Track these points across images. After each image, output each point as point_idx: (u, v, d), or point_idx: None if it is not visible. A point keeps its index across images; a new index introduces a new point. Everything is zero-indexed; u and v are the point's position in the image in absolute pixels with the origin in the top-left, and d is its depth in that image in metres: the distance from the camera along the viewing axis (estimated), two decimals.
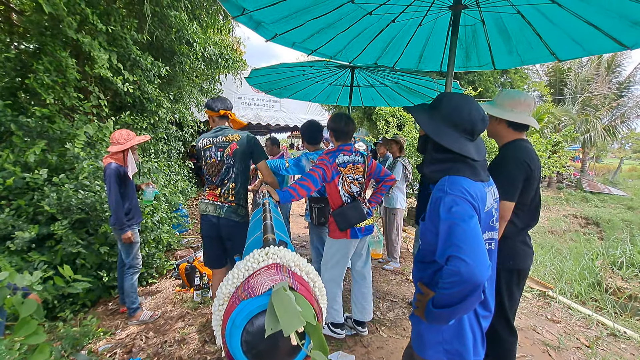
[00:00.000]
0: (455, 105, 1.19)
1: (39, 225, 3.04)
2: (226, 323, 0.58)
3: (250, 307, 0.56)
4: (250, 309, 0.56)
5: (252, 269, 0.65)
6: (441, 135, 1.17)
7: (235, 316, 0.57)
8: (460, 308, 1.01)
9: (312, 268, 0.72)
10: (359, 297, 2.53)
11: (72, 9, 3.43)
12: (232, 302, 0.59)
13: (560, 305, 3.31)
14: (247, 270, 0.65)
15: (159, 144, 5.76)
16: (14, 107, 3.51)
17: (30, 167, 3.24)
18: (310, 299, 0.59)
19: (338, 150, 2.29)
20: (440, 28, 2.38)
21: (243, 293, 0.57)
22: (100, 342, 2.55)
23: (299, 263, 0.69)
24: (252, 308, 0.56)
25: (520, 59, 2.58)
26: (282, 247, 0.70)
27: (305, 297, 0.57)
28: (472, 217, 1.05)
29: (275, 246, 0.71)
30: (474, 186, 1.13)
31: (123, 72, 3.97)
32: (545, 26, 2.16)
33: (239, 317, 0.56)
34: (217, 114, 2.27)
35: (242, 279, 0.64)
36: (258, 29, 2.15)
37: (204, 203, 2.32)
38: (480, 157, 1.21)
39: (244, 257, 0.67)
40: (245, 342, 0.56)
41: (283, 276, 0.60)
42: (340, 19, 2.20)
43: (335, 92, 4.56)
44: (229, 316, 0.58)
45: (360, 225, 2.32)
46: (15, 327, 1.28)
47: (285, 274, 0.61)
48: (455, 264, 0.99)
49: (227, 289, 0.64)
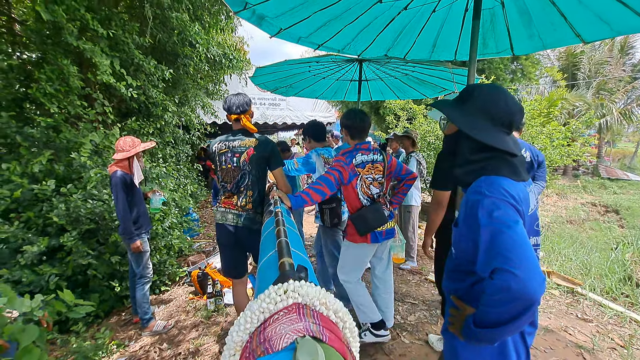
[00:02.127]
0: (490, 97, 1.06)
1: (49, 237, 3.00)
2: None
3: None
4: None
5: (268, 312, 0.53)
6: (478, 131, 1.04)
7: None
8: (509, 328, 0.88)
9: (341, 305, 0.59)
10: (380, 303, 2.41)
11: (72, 15, 3.36)
12: (245, 357, 0.48)
13: (590, 303, 3.13)
14: (263, 313, 0.53)
15: (166, 148, 5.70)
16: (19, 118, 3.47)
17: (37, 178, 3.20)
18: (342, 349, 0.47)
19: (355, 149, 2.16)
20: (455, 13, 2.22)
21: (259, 347, 0.46)
22: (114, 356, 2.49)
23: (325, 300, 0.56)
24: None
25: (542, 43, 2.40)
26: (302, 282, 0.58)
27: (336, 348, 0.45)
28: (518, 222, 0.91)
29: (294, 279, 0.59)
30: (516, 187, 0.99)
31: (126, 77, 3.90)
32: (571, 4, 1.98)
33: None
34: (231, 117, 2.16)
35: (257, 323, 0.52)
36: (262, 24, 2.02)
37: (220, 211, 2.20)
38: (519, 152, 1.07)
39: (261, 295, 0.55)
40: None
41: (308, 323, 0.48)
42: (348, 8, 2.05)
43: (342, 87, 4.42)
44: None
45: (381, 229, 2.19)
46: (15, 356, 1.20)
47: (309, 319, 0.49)
48: (503, 278, 0.85)
49: (238, 336, 0.52)
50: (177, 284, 3.78)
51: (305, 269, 0.67)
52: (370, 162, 2.17)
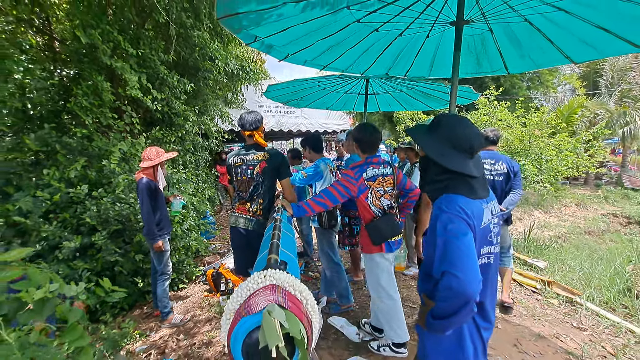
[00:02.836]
0: (452, 127, 1.26)
1: (82, 236, 3.35)
2: (231, 335, 0.69)
3: (248, 323, 0.68)
4: (249, 325, 0.68)
5: (252, 289, 0.77)
6: (442, 156, 1.24)
7: (237, 330, 0.68)
8: (454, 320, 1.09)
9: (305, 287, 0.83)
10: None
11: (107, 37, 3.75)
12: (235, 317, 0.71)
13: (588, 312, 3.20)
14: (249, 290, 0.77)
15: (186, 155, 6.07)
16: (57, 128, 3.88)
17: (72, 182, 3.57)
18: (300, 316, 0.70)
19: (366, 163, 2.23)
20: (447, 39, 2.42)
21: (243, 310, 0.69)
22: (137, 344, 2.78)
23: (293, 284, 0.80)
24: (250, 323, 0.68)
25: (534, 63, 2.56)
26: (277, 270, 0.82)
27: (295, 314, 0.68)
28: (466, 234, 1.11)
29: (275, 268, 0.83)
30: (470, 204, 1.19)
31: (152, 91, 4.26)
32: (555, 31, 2.15)
33: (240, 331, 0.68)
34: (245, 133, 2.40)
35: (245, 297, 0.76)
36: (271, 51, 2.30)
37: (234, 216, 2.47)
38: (479, 173, 1.27)
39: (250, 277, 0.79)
40: (245, 352, 0.68)
41: (277, 296, 0.71)
42: (348, 37, 2.30)
43: (351, 99, 4.65)
44: (232, 329, 0.69)
45: (394, 239, 2.29)
46: (64, 332, 1.48)
47: (278, 294, 0.72)
48: (448, 279, 1.06)
49: (232, 305, 0.76)
50: (193, 282, 4.08)
51: (285, 263, 0.90)
52: (381, 175, 2.24)
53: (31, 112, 3.84)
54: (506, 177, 2.98)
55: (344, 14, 1.99)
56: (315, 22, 2.02)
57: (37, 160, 3.78)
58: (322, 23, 2.05)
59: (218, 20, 1.66)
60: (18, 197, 3.27)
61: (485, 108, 6.10)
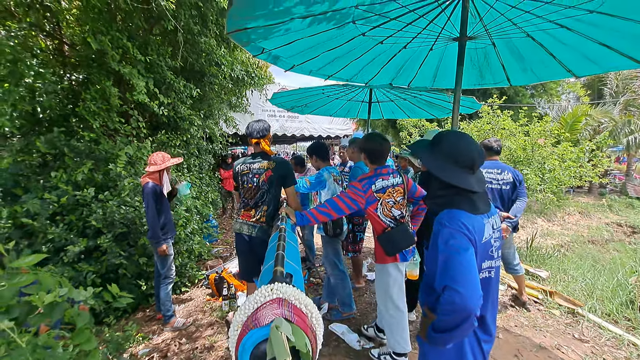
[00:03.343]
0: (453, 144, 1.29)
1: (87, 239, 3.40)
2: (238, 346, 0.73)
3: (256, 335, 0.71)
4: (256, 337, 0.71)
5: (260, 302, 0.80)
6: (444, 172, 1.27)
7: (245, 341, 0.72)
8: (455, 334, 1.11)
9: (310, 301, 0.86)
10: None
11: (116, 44, 3.82)
12: (243, 329, 0.74)
13: (590, 324, 3.20)
14: (257, 303, 0.80)
15: (190, 158, 6.13)
16: (66, 132, 3.95)
17: (79, 185, 3.63)
18: (306, 329, 0.73)
19: (375, 175, 2.16)
20: (451, 51, 2.46)
21: (251, 323, 0.73)
22: (140, 347, 2.82)
23: (299, 297, 0.84)
24: (258, 336, 0.71)
25: (536, 76, 2.60)
26: (284, 284, 0.85)
27: (301, 328, 0.72)
28: (467, 249, 1.14)
29: (280, 282, 0.86)
30: (472, 219, 1.22)
31: (159, 95, 4.33)
32: (558, 47, 2.19)
33: (248, 343, 0.72)
34: (252, 141, 2.43)
35: (252, 310, 0.79)
36: (277, 62, 2.35)
37: (239, 222, 2.50)
38: (480, 189, 1.29)
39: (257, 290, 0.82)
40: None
41: (283, 310, 0.75)
42: (353, 49, 2.35)
43: (355, 107, 4.70)
44: (240, 341, 0.73)
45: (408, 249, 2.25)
46: (72, 335, 1.52)
47: (285, 308, 0.76)
48: (450, 294, 1.09)
49: (240, 317, 0.79)
50: (196, 286, 4.12)
51: (291, 275, 0.94)
52: (391, 186, 2.17)
53: (40, 115, 3.92)
54: (512, 186, 3.07)
55: (350, 28, 2.04)
56: (322, 36, 2.07)
57: (45, 162, 3.85)
58: (328, 36, 2.10)
59: (227, 35, 1.71)
60: (26, 199, 3.33)
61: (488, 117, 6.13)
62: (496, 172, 3.09)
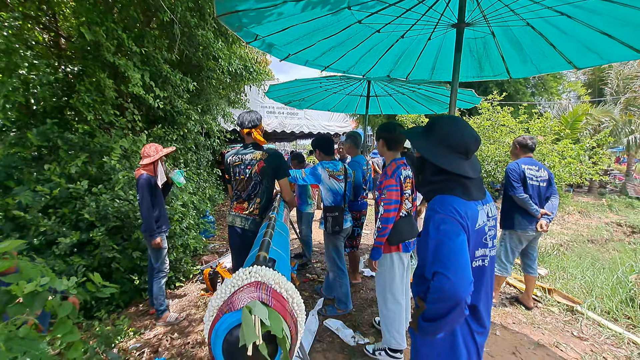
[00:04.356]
0: (447, 129, 1.25)
1: (80, 232, 3.35)
2: (212, 332, 0.68)
3: (230, 320, 0.66)
4: (230, 322, 0.66)
5: (237, 286, 0.75)
6: (438, 157, 1.23)
7: (218, 327, 0.67)
8: (444, 322, 1.06)
9: (292, 286, 0.81)
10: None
11: (111, 35, 3.76)
12: (218, 314, 0.69)
13: (590, 322, 3.16)
14: (233, 287, 0.75)
15: (188, 153, 6.08)
16: (60, 124, 3.89)
17: (73, 178, 3.58)
18: (284, 314, 0.68)
19: (398, 165, 2.19)
20: (449, 41, 2.40)
21: (226, 307, 0.67)
22: (131, 341, 2.77)
23: (279, 281, 0.79)
24: (232, 320, 0.66)
25: (536, 68, 2.54)
26: (263, 267, 0.80)
27: (279, 312, 0.67)
28: (459, 235, 1.09)
29: (263, 265, 0.81)
30: (465, 205, 1.17)
31: (155, 89, 4.27)
32: (558, 36, 2.13)
33: (221, 328, 0.67)
34: (243, 131, 2.38)
35: (229, 294, 0.74)
36: (271, 50, 2.29)
37: (232, 215, 2.46)
38: (475, 175, 1.25)
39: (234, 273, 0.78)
40: (226, 350, 0.66)
41: (260, 293, 0.70)
42: (349, 37, 2.29)
43: (353, 101, 4.64)
44: (213, 326, 0.68)
45: (411, 239, 2.29)
46: (53, 326, 1.47)
47: (263, 292, 0.71)
48: (439, 280, 1.04)
49: (216, 302, 0.74)
50: (190, 281, 4.07)
51: (274, 260, 0.89)
52: (408, 177, 2.22)
53: (34, 107, 3.87)
54: (547, 184, 3.11)
55: (345, 14, 1.98)
56: (316, 22, 2.01)
57: (41, 156, 3.80)
58: (323, 23, 2.05)
59: (217, 17, 1.66)
60: (18, 191, 3.28)
61: (488, 113, 6.07)
62: (534, 169, 3.09)
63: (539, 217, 3.06)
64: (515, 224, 3.07)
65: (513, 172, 3.04)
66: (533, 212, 3.00)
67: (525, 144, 3.11)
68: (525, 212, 3.03)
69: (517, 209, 3.05)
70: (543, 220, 3.06)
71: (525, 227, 3.05)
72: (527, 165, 3.07)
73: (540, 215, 3.06)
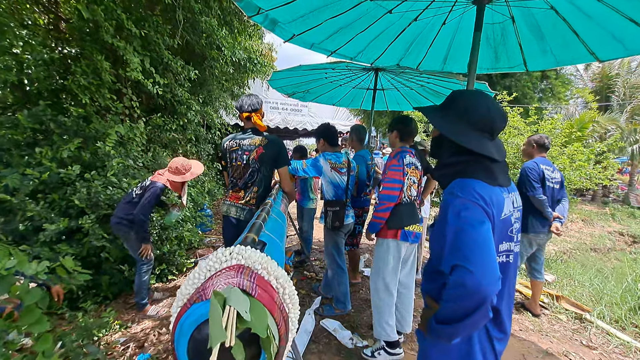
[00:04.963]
0: (470, 102, 1.09)
1: (69, 219, 3.20)
2: (176, 327, 0.53)
3: (199, 312, 0.50)
4: (199, 314, 0.50)
5: (214, 270, 0.60)
6: (459, 135, 1.06)
7: (184, 321, 0.51)
8: (464, 325, 0.90)
9: (284, 273, 0.65)
10: (399, 306, 2.43)
11: (110, 15, 3.62)
12: (186, 304, 0.54)
13: (598, 330, 3.00)
14: (209, 271, 0.60)
15: (187, 145, 5.94)
16: (55, 107, 3.75)
17: (65, 163, 3.43)
18: (271, 307, 0.52)
19: (404, 150, 2.23)
20: (466, 27, 2.25)
21: (196, 295, 0.52)
22: (116, 335, 2.62)
23: (267, 266, 0.62)
24: (202, 312, 0.50)
25: (555, 59, 2.38)
26: (249, 248, 0.65)
27: (265, 304, 0.51)
28: (483, 223, 0.93)
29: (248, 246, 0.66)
30: (489, 190, 1.01)
31: (155, 75, 4.13)
32: (583, 22, 1.98)
33: (187, 323, 0.51)
34: (242, 115, 2.24)
35: (203, 279, 0.59)
36: (275, 29, 2.14)
37: (226, 204, 2.31)
38: (500, 158, 1.09)
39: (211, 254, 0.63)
40: (193, 350, 0.51)
41: (242, 279, 0.54)
42: (359, 18, 2.14)
43: (359, 95, 4.49)
44: (179, 320, 0.53)
45: (412, 229, 2.23)
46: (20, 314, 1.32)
47: (245, 277, 0.55)
48: (459, 274, 0.88)
49: (186, 289, 0.59)
50: (183, 275, 3.92)
51: (264, 243, 0.73)
52: (414, 165, 2.25)
53: (28, 87, 3.72)
54: (560, 186, 3.00)
55: None
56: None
57: (35, 140, 3.64)
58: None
59: None
60: (6, 174, 3.13)
61: None
62: (550, 170, 2.95)
63: (551, 220, 2.91)
64: (528, 227, 2.91)
65: (533, 171, 2.88)
66: (548, 214, 2.86)
67: (543, 143, 2.98)
68: (540, 214, 2.88)
69: (532, 211, 2.89)
70: (557, 223, 2.93)
71: (538, 230, 2.90)
72: (545, 165, 2.93)
73: (553, 218, 2.92)
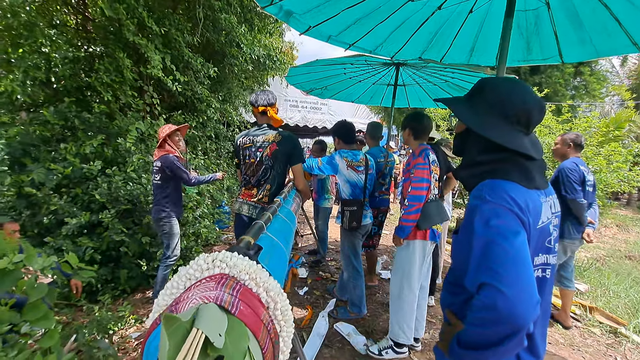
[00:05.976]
0: (503, 92, 0.94)
1: (90, 213, 3.27)
2: (144, 347, 0.46)
3: None
4: None
5: (194, 278, 0.52)
6: (489, 129, 0.92)
7: (152, 340, 0.44)
8: (493, 353, 0.76)
9: (276, 284, 0.56)
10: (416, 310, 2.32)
11: (132, 13, 3.67)
12: (157, 320, 0.47)
13: (634, 346, 2.75)
14: (189, 280, 0.52)
15: (207, 142, 5.99)
16: (81, 104, 3.85)
17: (88, 158, 3.51)
18: (256, 326, 0.44)
19: (426, 148, 2.16)
20: (495, 14, 2.08)
21: (168, 310, 0.45)
22: (131, 329, 2.64)
23: (256, 276, 0.54)
24: None
25: (595, 50, 2.16)
26: (235, 255, 0.56)
27: (247, 323, 0.43)
28: (518, 233, 0.80)
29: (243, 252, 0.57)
30: (525, 194, 0.86)
31: (175, 72, 4.16)
32: (624, 7, 1.76)
33: (154, 343, 0.44)
34: (257, 110, 2.18)
35: (182, 289, 0.51)
36: (290, 20, 2.06)
37: (238, 202, 2.26)
38: (538, 155, 0.94)
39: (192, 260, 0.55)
40: None
41: (222, 292, 0.46)
42: (378, 7, 2.02)
43: (379, 92, 4.35)
44: (147, 338, 0.46)
45: (436, 228, 2.15)
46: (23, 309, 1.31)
47: (226, 290, 0.47)
48: (490, 295, 0.75)
49: (163, 300, 0.52)
50: None
51: (260, 247, 0.65)
52: (435, 161, 2.18)
53: (55, 85, 3.84)
54: (593, 189, 2.80)
55: None
56: None
57: (64, 136, 3.75)
58: None
59: None
60: (33, 168, 3.24)
61: None
62: (586, 171, 2.75)
63: (585, 225, 2.69)
64: (564, 232, 2.69)
65: (574, 172, 2.65)
66: (584, 220, 2.63)
67: (580, 143, 2.77)
68: (576, 219, 2.66)
69: (568, 215, 2.66)
70: (589, 229, 2.72)
71: (573, 236, 2.69)
72: (582, 166, 2.71)
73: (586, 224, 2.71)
